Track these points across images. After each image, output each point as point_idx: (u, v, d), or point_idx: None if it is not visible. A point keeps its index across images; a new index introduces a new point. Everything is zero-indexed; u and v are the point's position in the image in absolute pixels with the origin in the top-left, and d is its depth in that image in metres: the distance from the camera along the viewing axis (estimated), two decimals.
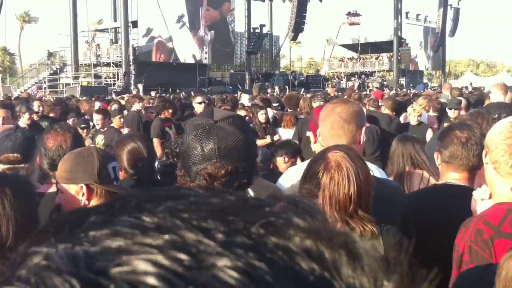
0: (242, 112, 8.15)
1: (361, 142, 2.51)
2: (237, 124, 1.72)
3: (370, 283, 0.37)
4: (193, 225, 0.36)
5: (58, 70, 36.58)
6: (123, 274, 0.33)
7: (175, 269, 0.33)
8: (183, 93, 20.85)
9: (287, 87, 33.51)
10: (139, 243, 0.35)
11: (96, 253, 0.34)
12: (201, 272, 0.33)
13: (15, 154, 3.06)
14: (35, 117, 8.46)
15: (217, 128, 1.68)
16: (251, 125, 7.30)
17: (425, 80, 54.02)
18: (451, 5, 50.44)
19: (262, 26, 44.38)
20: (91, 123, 8.51)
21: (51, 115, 9.60)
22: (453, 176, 2.69)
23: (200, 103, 8.94)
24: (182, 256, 0.34)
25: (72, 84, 32.69)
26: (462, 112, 8.44)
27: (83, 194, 2.35)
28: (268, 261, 0.35)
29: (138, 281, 0.32)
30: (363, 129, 2.53)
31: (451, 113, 7.76)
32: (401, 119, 8.48)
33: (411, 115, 7.60)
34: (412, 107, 7.80)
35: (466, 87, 22.54)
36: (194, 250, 0.35)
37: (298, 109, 9.13)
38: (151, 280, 0.32)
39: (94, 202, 2.35)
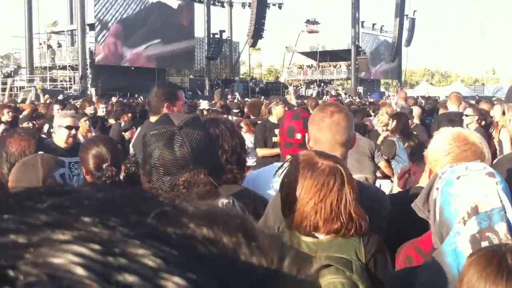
0: None
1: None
2: (199, 125, 1.66)
3: (268, 261, 0.38)
4: (84, 220, 0.35)
5: (12, 73, 35.59)
6: (35, 266, 0.31)
7: (96, 258, 0.31)
8: (141, 98, 20.61)
9: (247, 93, 33.53)
10: (41, 238, 0.33)
11: None
12: (118, 260, 0.32)
13: None
14: None
15: (184, 133, 1.59)
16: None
17: (382, 89, 54.93)
18: (407, 15, 51.42)
19: (222, 31, 44.35)
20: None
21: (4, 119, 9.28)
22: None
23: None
24: (95, 247, 0.32)
25: (27, 87, 31.86)
26: (416, 121, 8.67)
27: None
28: (176, 248, 0.35)
29: (65, 271, 0.30)
30: (355, 134, 2.61)
31: None
32: None
33: (378, 127, 7.81)
34: (377, 118, 8.01)
35: (423, 96, 23.07)
36: (99, 240, 0.33)
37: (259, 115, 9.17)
38: (79, 271, 0.30)
39: None
